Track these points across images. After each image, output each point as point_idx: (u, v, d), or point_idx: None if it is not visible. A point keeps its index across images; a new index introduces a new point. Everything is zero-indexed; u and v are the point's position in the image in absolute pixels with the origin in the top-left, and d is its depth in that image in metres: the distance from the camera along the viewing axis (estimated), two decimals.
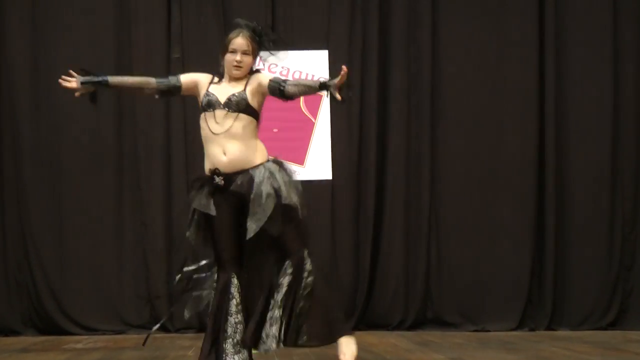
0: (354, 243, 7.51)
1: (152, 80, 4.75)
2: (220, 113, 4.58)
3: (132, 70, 7.27)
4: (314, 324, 4.46)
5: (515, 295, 7.51)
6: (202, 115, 4.64)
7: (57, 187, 7.49)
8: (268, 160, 4.67)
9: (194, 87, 4.74)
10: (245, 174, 4.57)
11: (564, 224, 7.55)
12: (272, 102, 7.31)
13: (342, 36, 7.57)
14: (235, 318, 4.56)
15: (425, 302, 7.50)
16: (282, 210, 4.50)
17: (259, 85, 4.67)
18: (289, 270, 4.48)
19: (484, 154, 7.62)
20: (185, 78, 4.76)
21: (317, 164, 7.50)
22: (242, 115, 4.59)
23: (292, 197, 4.52)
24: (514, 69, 7.61)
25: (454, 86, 7.61)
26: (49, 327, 7.39)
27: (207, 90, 4.65)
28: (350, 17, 7.54)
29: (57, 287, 7.43)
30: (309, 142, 7.50)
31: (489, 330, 7.35)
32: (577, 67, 7.65)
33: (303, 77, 7.56)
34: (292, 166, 4.78)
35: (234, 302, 4.57)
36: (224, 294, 4.57)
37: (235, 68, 4.63)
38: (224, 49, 4.69)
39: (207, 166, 4.65)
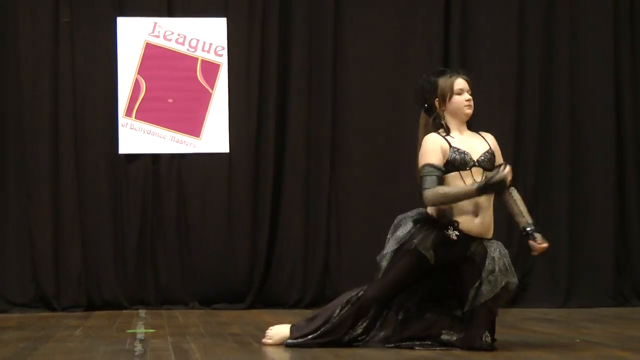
0: (251, 219, 7.38)
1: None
2: (477, 172, 4.51)
3: (17, 36, 7.05)
4: None
5: None
6: (455, 174, 4.52)
7: None
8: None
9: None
10: (479, 243, 4.51)
11: None
12: (165, 70, 7.35)
13: (242, 4, 7.40)
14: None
15: (323, 279, 7.42)
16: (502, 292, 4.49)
17: (493, 144, 4.66)
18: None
19: (385, 131, 7.55)
20: (439, 159, 4.57)
21: (213, 136, 7.34)
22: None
23: (512, 281, 4.51)
24: (418, 48, 7.55)
25: (357, 62, 7.52)
26: None
27: (451, 146, 4.52)
28: None
29: None
30: (206, 113, 7.33)
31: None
32: (484, 43, 7.59)
33: (200, 45, 7.35)
34: (188, 138, 4.49)
35: (364, 324, 4.59)
36: (361, 313, 4.59)
37: (468, 107, 4.58)
38: (443, 93, 4.56)
39: (448, 215, 4.49)
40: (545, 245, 4.58)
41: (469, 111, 4.59)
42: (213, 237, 7.32)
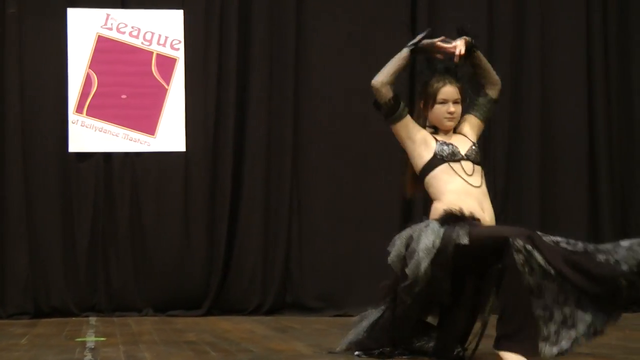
0: (208, 221, 7.29)
1: (389, 89, 4.51)
2: (467, 165, 4.40)
3: None
4: None
5: (380, 278, 7.18)
6: (445, 166, 4.37)
7: None
8: None
9: (408, 129, 4.46)
10: None
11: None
12: (118, 65, 7.22)
13: None
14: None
15: (284, 285, 7.36)
16: None
17: (473, 126, 4.55)
18: None
19: (349, 127, 7.49)
20: (407, 123, 4.46)
21: (169, 134, 7.24)
22: (480, 169, 4.44)
23: None
24: (384, 41, 7.35)
25: (320, 56, 7.44)
26: None
27: (437, 139, 4.43)
28: None
29: None
30: (161, 110, 7.24)
31: (352, 315, 7.03)
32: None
33: (155, 38, 7.20)
34: (142, 136, 4.28)
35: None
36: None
37: (448, 120, 4.46)
38: (427, 98, 4.45)
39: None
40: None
41: (450, 123, 4.47)
42: (168, 240, 7.23)
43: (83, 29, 7.10)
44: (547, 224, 7.42)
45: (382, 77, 4.48)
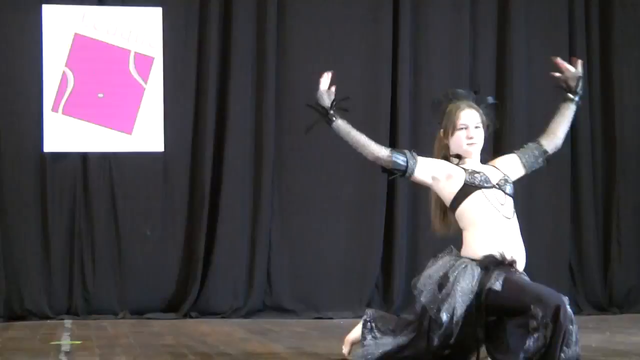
0: (187, 223, 7.27)
1: (383, 153, 4.27)
2: (499, 195, 4.20)
3: None
4: None
5: (360, 281, 7.42)
6: (479, 193, 4.16)
7: None
8: None
9: (428, 170, 4.24)
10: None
11: (416, 210, 7.37)
12: (95, 63, 7.12)
13: None
14: None
15: (263, 288, 7.33)
16: None
17: (510, 163, 4.35)
18: None
19: (332, 134, 7.19)
20: (426, 162, 4.23)
21: (147, 134, 7.20)
22: (512, 201, 4.24)
23: None
24: (366, 39, 7.43)
25: (302, 56, 7.38)
26: None
27: (465, 169, 4.21)
28: None
29: None
30: (138, 109, 7.19)
31: (332, 318, 7.22)
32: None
33: (133, 36, 7.17)
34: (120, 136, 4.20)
35: None
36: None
37: (469, 145, 4.24)
38: (447, 125, 4.25)
39: (489, 250, 4.08)
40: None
41: (471, 149, 4.26)
42: (146, 242, 7.17)
43: (59, 27, 7.03)
44: (530, 228, 7.39)
45: (366, 155, 4.33)
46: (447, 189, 4.21)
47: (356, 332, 4.41)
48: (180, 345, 5.28)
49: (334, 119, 4.33)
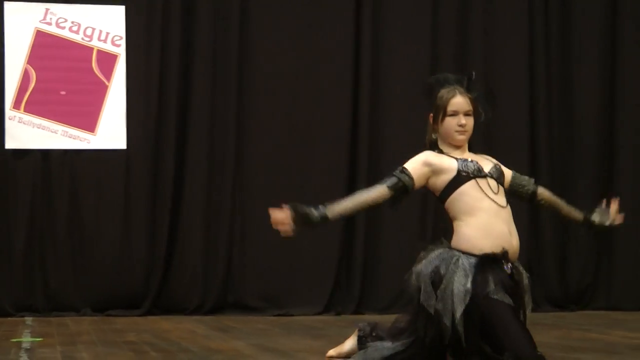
0: (149, 220, 7.23)
1: (383, 191, 3.98)
2: (493, 183, 4.04)
3: None
4: None
5: (321, 278, 7.39)
6: (473, 183, 4.00)
7: None
8: None
9: (423, 175, 4.03)
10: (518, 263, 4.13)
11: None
12: (57, 60, 7.09)
13: None
14: None
15: (225, 285, 7.30)
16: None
17: (504, 171, 4.18)
18: None
19: (292, 129, 7.46)
20: (416, 170, 4.01)
21: (110, 132, 7.16)
22: (503, 190, 4.09)
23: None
24: (329, 39, 7.43)
25: (264, 54, 7.37)
26: None
27: (456, 157, 4.04)
28: None
29: None
30: (102, 107, 7.14)
31: (293, 315, 7.22)
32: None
33: (96, 34, 7.09)
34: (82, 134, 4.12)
35: None
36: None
37: (459, 133, 4.06)
38: (437, 111, 4.07)
39: (486, 245, 3.96)
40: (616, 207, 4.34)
41: (461, 137, 4.06)
42: (108, 238, 7.13)
43: (21, 23, 6.96)
44: None
45: (373, 206, 4.09)
46: (440, 181, 4.05)
47: (348, 345, 4.38)
48: (142, 342, 5.27)
49: (327, 214, 3.94)
